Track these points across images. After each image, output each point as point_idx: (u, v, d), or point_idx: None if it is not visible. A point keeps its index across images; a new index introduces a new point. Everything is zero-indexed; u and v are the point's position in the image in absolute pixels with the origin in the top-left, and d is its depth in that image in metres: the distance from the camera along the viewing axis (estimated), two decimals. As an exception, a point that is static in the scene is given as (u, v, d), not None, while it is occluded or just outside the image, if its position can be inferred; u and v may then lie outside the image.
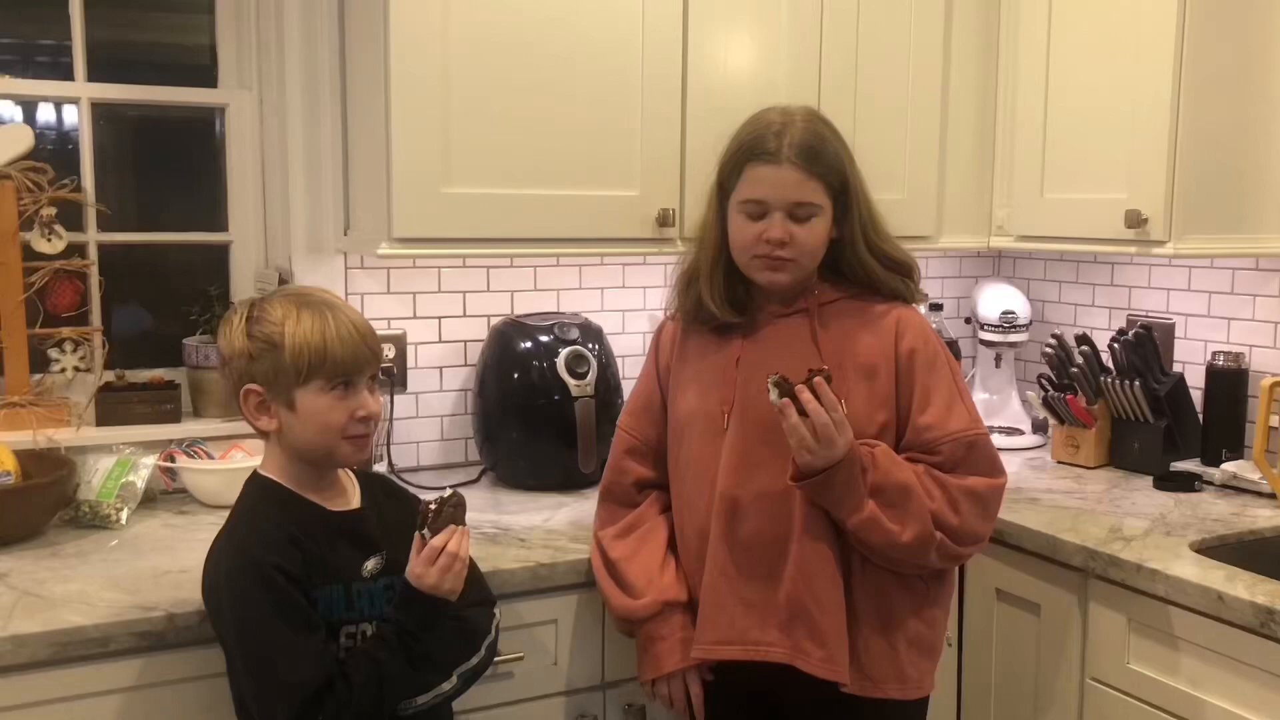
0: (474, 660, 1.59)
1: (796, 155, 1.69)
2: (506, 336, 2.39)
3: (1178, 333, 2.64)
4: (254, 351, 1.49)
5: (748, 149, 1.73)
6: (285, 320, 1.49)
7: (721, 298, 1.80)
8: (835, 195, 1.73)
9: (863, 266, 1.77)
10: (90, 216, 2.32)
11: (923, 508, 1.65)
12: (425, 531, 1.50)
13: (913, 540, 1.65)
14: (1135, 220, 2.26)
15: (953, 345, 2.67)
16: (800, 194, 1.70)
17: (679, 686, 1.79)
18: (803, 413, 1.58)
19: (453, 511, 1.52)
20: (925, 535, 1.65)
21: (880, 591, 1.71)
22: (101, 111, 2.35)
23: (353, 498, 1.61)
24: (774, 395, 1.59)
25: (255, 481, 1.57)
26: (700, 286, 1.81)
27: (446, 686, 1.56)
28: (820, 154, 1.71)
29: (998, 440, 2.47)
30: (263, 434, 1.56)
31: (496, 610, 1.67)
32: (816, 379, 1.58)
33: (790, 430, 1.59)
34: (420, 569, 1.49)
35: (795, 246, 1.71)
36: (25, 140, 2.20)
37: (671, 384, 1.88)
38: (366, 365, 1.54)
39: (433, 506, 1.51)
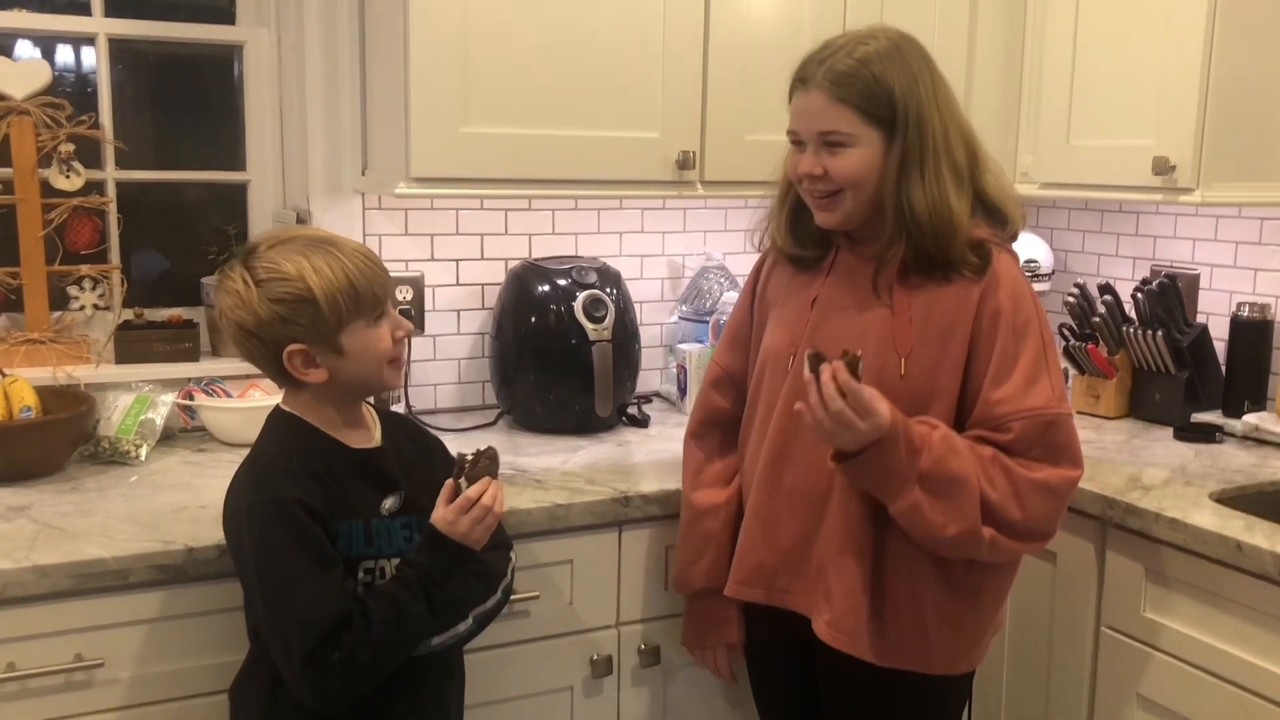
0: (490, 603, 1.60)
1: (824, 79, 1.58)
2: (524, 280, 2.38)
3: (1203, 283, 2.61)
4: (284, 314, 1.46)
5: (794, 76, 1.65)
6: (303, 273, 1.46)
7: (787, 231, 1.75)
8: (883, 125, 1.58)
9: (909, 208, 1.58)
10: (109, 154, 2.32)
11: (974, 504, 1.52)
12: (462, 481, 1.50)
13: (956, 536, 1.53)
14: (1163, 167, 2.22)
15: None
16: (825, 122, 1.59)
17: (717, 655, 1.92)
18: None
19: (489, 464, 1.52)
20: (971, 533, 1.53)
21: (913, 568, 1.62)
22: (119, 49, 2.33)
23: (374, 435, 1.61)
24: (806, 370, 1.51)
25: (279, 416, 1.57)
26: (771, 219, 1.78)
27: (462, 628, 1.57)
28: (856, 78, 1.57)
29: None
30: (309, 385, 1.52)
31: (513, 553, 1.68)
32: (836, 362, 1.48)
33: (807, 412, 1.50)
34: (453, 516, 1.48)
35: (832, 179, 1.61)
36: (43, 75, 2.19)
37: (759, 319, 1.84)
38: (390, 288, 1.55)
39: (469, 457, 1.52)
